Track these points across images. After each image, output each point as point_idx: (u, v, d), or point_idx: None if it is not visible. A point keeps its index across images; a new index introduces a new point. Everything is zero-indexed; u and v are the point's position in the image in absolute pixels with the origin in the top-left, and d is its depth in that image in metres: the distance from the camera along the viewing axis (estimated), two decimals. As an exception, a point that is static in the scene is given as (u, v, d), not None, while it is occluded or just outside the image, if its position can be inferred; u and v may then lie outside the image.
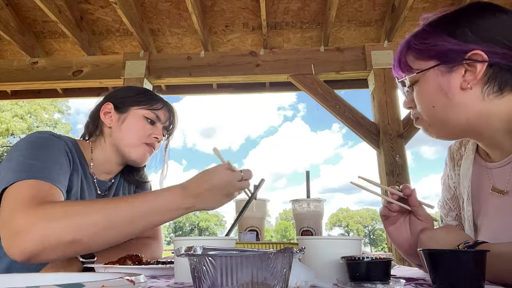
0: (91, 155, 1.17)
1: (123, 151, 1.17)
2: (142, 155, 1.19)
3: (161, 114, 1.23)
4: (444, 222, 1.06)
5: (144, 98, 1.23)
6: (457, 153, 1.05)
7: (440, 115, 0.83)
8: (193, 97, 30.62)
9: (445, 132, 0.86)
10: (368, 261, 0.65)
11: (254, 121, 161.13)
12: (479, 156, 0.95)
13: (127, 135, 1.17)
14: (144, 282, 0.42)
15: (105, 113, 1.21)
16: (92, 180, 1.16)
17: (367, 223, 73.36)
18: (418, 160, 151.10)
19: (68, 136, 1.16)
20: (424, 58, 0.83)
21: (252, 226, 1.13)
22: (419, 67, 0.83)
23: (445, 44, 0.79)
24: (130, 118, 1.19)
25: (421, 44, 0.83)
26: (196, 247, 0.46)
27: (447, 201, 1.06)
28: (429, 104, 0.83)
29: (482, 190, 0.91)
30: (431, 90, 0.82)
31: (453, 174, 1.04)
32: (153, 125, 1.22)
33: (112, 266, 0.88)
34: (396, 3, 2.76)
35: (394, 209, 0.86)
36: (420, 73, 0.83)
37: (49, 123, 26.82)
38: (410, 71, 0.85)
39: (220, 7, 2.91)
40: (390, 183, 2.61)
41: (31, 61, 3.15)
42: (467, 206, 0.94)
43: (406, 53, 0.87)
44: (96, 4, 2.90)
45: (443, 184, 1.09)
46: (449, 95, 0.79)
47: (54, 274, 0.55)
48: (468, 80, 0.77)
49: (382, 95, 2.83)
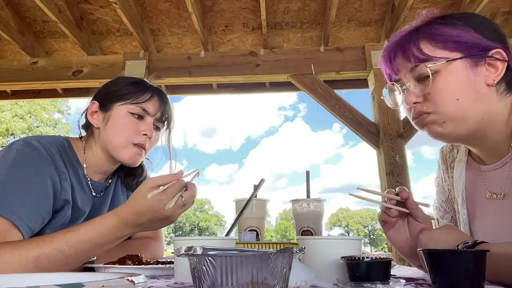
0: (84, 155, 1.12)
1: (112, 154, 1.10)
2: (132, 156, 1.10)
3: (149, 106, 1.11)
4: (441, 224, 1.06)
5: (127, 91, 1.11)
6: (449, 155, 1.04)
7: (462, 110, 0.78)
8: (193, 97, 30.52)
9: (461, 130, 0.80)
10: (368, 261, 0.65)
11: (255, 121, 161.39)
12: (471, 159, 0.95)
13: (112, 136, 1.09)
14: (144, 282, 0.42)
15: (91, 113, 1.14)
16: (86, 182, 1.12)
17: (367, 223, 73.37)
18: (418, 160, 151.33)
19: (60, 137, 1.13)
20: (448, 48, 0.79)
21: (252, 226, 1.13)
22: (442, 56, 0.79)
23: (471, 38, 0.78)
24: (114, 116, 1.10)
25: (444, 34, 0.80)
26: (196, 247, 0.46)
27: (442, 203, 1.06)
28: (454, 96, 0.78)
29: (477, 194, 0.91)
30: (458, 82, 0.78)
31: (447, 177, 1.04)
32: (142, 120, 1.11)
33: (112, 266, 0.88)
34: (396, 3, 2.76)
35: (393, 215, 0.85)
36: (443, 63, 0.78)
37: (49, 123, 26.82)
38: (429, 59, 0.79)
39: (220, 7, 2.91)
40: (390, 183, 2.61)
41: (31, 61, 3.15)
42: (462, 209, 0.94)
43: (419, 41, 0.81)
44: (96, 4, 2.90)
45: (437, 186, 1.08)
46: (476, 88, 0.77)
47: (54, 274, 0.55)
48: (492, 77, 0.78)
49: (382, 95, 2.82)
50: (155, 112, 1.13)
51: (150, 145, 1.15)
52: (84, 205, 1.10)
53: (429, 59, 0.79)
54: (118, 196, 1.24)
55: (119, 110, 1.10)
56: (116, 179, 1.25)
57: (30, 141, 1.00)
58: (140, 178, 1.27)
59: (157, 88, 1.18)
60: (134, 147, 1.10)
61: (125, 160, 1.10)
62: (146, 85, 1.16)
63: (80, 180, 1.10)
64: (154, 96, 1.14)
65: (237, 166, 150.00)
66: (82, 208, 1.09)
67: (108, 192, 1.21)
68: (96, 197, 1.15)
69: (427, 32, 0.82)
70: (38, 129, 25.26)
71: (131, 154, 1.10)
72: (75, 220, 1.07)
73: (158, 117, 1.14)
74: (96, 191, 1.15)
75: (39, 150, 0.98)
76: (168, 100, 1.20)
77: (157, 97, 1.14)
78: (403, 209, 0.84)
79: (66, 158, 1.07)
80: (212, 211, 76.03)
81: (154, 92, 1.14)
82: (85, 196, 1.11)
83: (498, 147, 0.83)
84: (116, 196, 1.23)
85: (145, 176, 1.31)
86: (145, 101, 1.11)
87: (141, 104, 1.10)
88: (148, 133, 1.10)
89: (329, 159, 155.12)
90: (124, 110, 1.10)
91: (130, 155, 1.10)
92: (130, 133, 1.09)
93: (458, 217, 0.98)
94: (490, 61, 0.78)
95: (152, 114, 1.12)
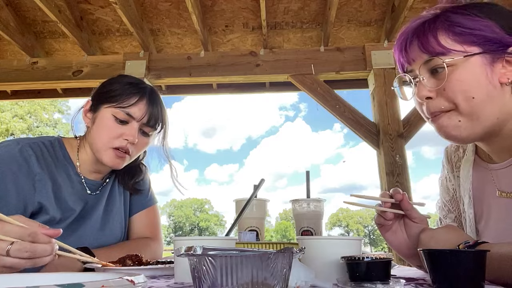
0: (77, 154, 1.14)
1: (95, 154, 1.10)
2: (111, 160, 1.08)
3: (135, 110, 1.08)
4: (443, 224, 1.05)
5: (116, 93, 1.09)
6: (454, 155, 1.03)
7: (478, 109, 0.75)
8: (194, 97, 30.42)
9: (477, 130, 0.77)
10: (368, 261, 0.65)
11: (256, 121, 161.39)
12: (479, 158, 0.94)
13: (95, 138, 1.08)
14: (144, 282, 0.42)
15: (85, 111, 1.14)
16: (79, 180, 1.13)
17: (367, 223, 73.37)
18: (419, 160, 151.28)
19: (51, 137, 1.14)
20: (467, 42, 0.75)
21: (252, 226, 1.13)
22: (461, 50, 0.75)
23: (492, 33, 0.74)
24: (99, 118, 1.09)
25: (464, 26, 0.76)
26: (196, 247, 0.46)
27: (445, 203, 1.05)
28: (470, 94, 0.74)
29: (485, 193, 0.90)
30: (475, 79, 0.74)
31: (451, 176, 1.03)
32: (126, 125, 1.08)
33: (112, 266, 0.88)
34: (396, 3, 2.76)
35: (388, 217, 0.85)
36: (460, 58, 0.75)
37: (49, 123, 26.82)
38: (446, 53, 0.76)
39: (220, 7, 2.91)
40: (390, 183, 2.61)
41: (31, 61, 3.15)
42: (469, 209, 0.93)
43: (438, 32, 0.77)
44: (96, 4, 2.90)
45: (441, 185, 1.08)
46: (492, 86, 0.74)
47: (54, 274, 0.55)
48: (508, 75, 0.74)
49: (382, 95, 2.83)
50: (141, 116, 1.09)
51: (135, 150, 1.13)
52: (75, 204, 1.10)
53: (447, 52, 0.76)
54: (114, 195, 1.23)
55: (105, 112, 1.09)
56: (114, 178, 1.25)
57: (9, 144, 1.01)
58: (139, 179, 1.27)
59: (150, 90, 1.15)
60: (114, 151, 1.08)
61: (106, 162, 1.09)
62: (139, 87, 1.13)
63: (71, 179, 1.11)
64: (142, 99, 1.10)
65: (237, 166, 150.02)
66: (73, 207, 1.09)
67: (104, 190, 1.20)
68: (91, 195, 1.15)
69: (446, 22, 0.77)
70: (38, 129, 25.27)
71: (111, 158, 1.08)
72: (65, 219, 1.07)
73: (145, 121, 1.11)
74: (91, 189, 1.16)
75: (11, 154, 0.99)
76: (160, 104, 1.16)
77: (146, 100, 1.11)
78: (398, 211, 0.84)
79: (51, 158, 1.07)
80: (212, 211, 76.06)
81: (143, 95, 1.11)
82: (77, 195, 1.11)
83: (510, 145, 0.81)
84: (112, 195, 1.23)
85: (145, 177, 1.31)
86: (131, 105, 1.08)
87: (126, 108, 1.07)
88: (130, 138, 1.07)
89: (330, 159, 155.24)
90: (108, 113, 1.08)
91: (110, 158, 1.08)
92: (111, 137, 1.07)
93: (463, 216, 0.98)
94: (508, 58, 0.74)
95: (138, 118, 1.09)
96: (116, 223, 1.21)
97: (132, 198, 1.29)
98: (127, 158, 1.12)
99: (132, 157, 1.14)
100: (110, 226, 1.18)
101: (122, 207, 1.25)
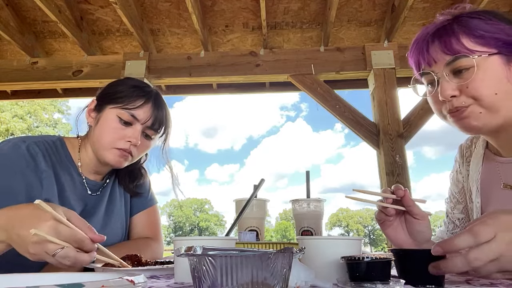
0: (78, 154, 1.13)
1: (97, 154, 1.11)
2: (114, 159, 1.09)
3: (140, 113, 1.09)
4: (450, 217, 1.09)
5: (122, 95, 1.10)
6: (467, 150, 1.08)
7: (498, 103, 0.82)
8: (194, 97, 30.51)
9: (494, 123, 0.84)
10: (368, 261, 0.65)
11: (257, 121, 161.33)
12: (489, 151, 0.98)
13: (99, 137, 1.09)
14: (144, 282, 0.42)
15: (89, 111, 1.14)
16: (80, 180, 1.13)
17: (367, 223, 73.36)
18: (419, 160, 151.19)
19: (52, 136, 1.14)
20: (486, 44, 0.83)
21: (252, 226, 1.13)
22: (482, 50, 0.82)
23: (506, 36, 0.82)
24: (104, 118, 1.10)
25: (482, 29, 0.83)
26: (196, 247, 0.46)
27: (454, 194, 1.09)
28: (492, 90, 0.82)
29: (491, 185, 0.94)
30: (496, 76, 0.82)
31: (462, 169, 1.08)
32: (130, 126, 1.09)
33: (112, 266, 0.87)
34: (396, 3, 2.76)
35: (390, 213, 0.86)
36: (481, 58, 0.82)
37: (49, 123, 26.83)
38: (468, 53, 0.82)
39: (220, 7, 2.91)
40: (390, 183, 2.61)
41: (31, 61, 3.15)
42: (476, 199, 0.97)
43: (459, 34, 0.84)
44: (96, 4, 2.90)
45: (452, 179, 1.12)
46: (510, 83, 0.82)
47: (54, 274, 0.55)
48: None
49: (382, 95, 2.83)
50: (145, 119, 1.10)
51: (138, 152, 1.14)
52: (77, 204, 1.10)
53: (469, 53, 0.82)
54: (115, 196, 1.23)
55: (109, 112, 1.09)
56: (114, 179, 1.25)
57: (16, 141, 1.01)
58: (139, 181, 1.27)
59: (155, 94, 1.15)
60: (117, 151, 1.09)
61: (109, 161, 1.09)
62: (145, 90, 1.13)
63: (73, 179, 1.11)
64: (148, 102, 1.11)
65: (238, 166, 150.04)
66: (74, 207, 1.09)
67: (105, 191, 1.20)
68: (92, 196, 1.15)
69: (466, 25, 0.84)
70: (38, 129, 25.27)
71: (114, 157, 1.09)
72: None
73: (149, 124, 1.11)
74: (92, 189, 1.16)
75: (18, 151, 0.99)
76: (165, 108, 1.17)
77: (151, 104, 1.12)
78: (399, 207, 0.86)
79: (55, 157, 1.08)
80: (212, 211, 76.05)
81: (149, 99, 1.12)
82: (78, 195, 1.11)
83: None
84: (113, 196, 1.23)
85: (145, 181, 1.31)
86: (137, 107, 1.09)
87: (131, 110, 1.08)
88: (133, 140, 1.08)
89: (330, 159, 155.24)
90: (113, 114, 1.08)
91: (113, 157, 1.09)
92: (114, 138, 1.08)
93: (470, 207, 1.02)
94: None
95: (142, 121, 1.10)
96: (117, 224, 1.21)
97: (133, 198, 1.29)
98: (129, 158, 1.13)
99: (134, 158, 1.15)
100: (111, 226, 1.18)
101: (122, 208, 1.25)
